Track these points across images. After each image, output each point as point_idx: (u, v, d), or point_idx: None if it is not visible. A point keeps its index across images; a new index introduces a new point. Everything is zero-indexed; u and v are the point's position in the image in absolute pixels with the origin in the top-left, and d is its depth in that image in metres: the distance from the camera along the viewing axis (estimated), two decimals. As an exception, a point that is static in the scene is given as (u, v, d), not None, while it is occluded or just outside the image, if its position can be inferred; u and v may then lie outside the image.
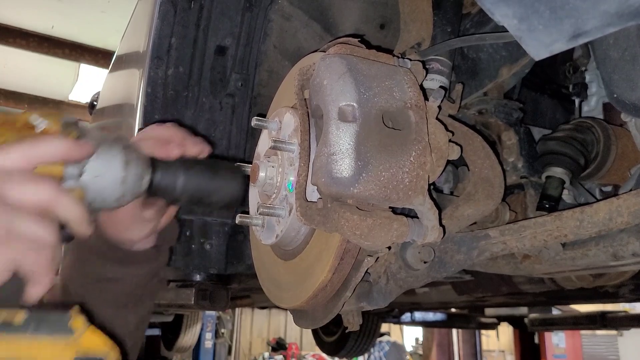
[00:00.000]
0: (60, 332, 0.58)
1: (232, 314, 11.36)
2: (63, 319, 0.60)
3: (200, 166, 0.85)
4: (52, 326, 0.59)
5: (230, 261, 1.50)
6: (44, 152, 0.68)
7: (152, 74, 1.24)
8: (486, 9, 0.60)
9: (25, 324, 0.58)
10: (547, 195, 1.07)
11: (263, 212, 0.87)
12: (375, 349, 10.63)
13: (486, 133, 1.16)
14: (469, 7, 1.21)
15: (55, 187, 0.66)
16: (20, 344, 0.56)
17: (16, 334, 0.57)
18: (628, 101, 0.77)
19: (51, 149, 0.68)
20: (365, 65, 0.77)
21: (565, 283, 1.48)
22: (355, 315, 0.95)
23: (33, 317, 0.58)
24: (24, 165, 0.66)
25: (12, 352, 0.56)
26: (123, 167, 0.75)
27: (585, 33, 0.55)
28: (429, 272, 0.91)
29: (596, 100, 1.35)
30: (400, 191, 0.72)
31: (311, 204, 0.77)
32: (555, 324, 4.84)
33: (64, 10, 5.72)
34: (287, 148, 0.86)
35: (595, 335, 10.20)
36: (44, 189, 0.65)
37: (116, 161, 0.75)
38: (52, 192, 0.66)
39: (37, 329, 0.58)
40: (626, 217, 0.74)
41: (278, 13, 1.33)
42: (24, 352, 0.56)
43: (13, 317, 0.58)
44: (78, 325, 0.60)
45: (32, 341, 0.57)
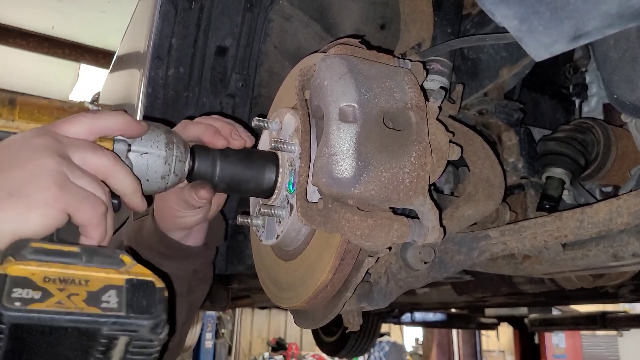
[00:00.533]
0: (112, 264, 0.62)
1: (232, 314, 11.36)
2: (114, 254, 0.64)
3: (237, 153, 0.87)
4: (103, 259, 0.63)
5: (230, 261, 1.50)
6: (105, 124, 0.73)
7: (152, 74, 1.24)
8: (486, 10, 0.60)
9: (80, 255, 0.61)
10: (548, 196, 1.07)
11: (263, 212, 0.88)
12: (375, 349, 10.64)
13: (486, 133, 1.16)
14: (469, 7, 1.22)
15: (114, 158, 0.72)
16: (76, 267, 0.60)
17: (72, 263, 0.60)
18: (628, 102, 0.77)
19: (113, 122, 0.74)
20: (365, 66, 0.77)
21: (565, 283, 1.48)
22: (355, 315, 0.95)
23: (86, 251, 0.62)
24: (88, 134, 0.72)
25: (68, 273, 0.59)
26: (166, 147, 0.79)
27: (586, 34, 0.55)
28: (430, 272, 0.91)
29: (596, 100, 1.35)
30: (400, 192, 0.72)
31: (312, 205, 0.78)
32: (555, 324, 4.84)
33: (64, 10, 5.72)
34: (287, 149, 0.86)
35: (595, 336, 10.21)
36: (104, 158, 0.70)
37: (160, 141, 0.79)
38: (111, 162, 0.71)
39: (90, 260, 0.62)
40: (626, 217, 0.74)
41: (278, 13, 1.33)
42: (79, 274, 0.59)
43: (71, 249, 0.62)
44: (128, 260, 0.64)
45: (85, 268, 0.60)
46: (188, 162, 0.83)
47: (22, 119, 0.72)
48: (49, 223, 0.63)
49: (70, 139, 0.69)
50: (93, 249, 0.64)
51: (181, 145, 0.82)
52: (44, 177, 0.63)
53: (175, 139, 0.81)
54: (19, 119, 0.72)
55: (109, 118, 0.74)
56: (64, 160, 0.66)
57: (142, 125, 0.77)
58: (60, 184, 0.64)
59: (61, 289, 0.57)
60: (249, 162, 0.88)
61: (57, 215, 0.64)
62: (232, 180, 0.87)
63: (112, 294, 0.59)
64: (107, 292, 0.59)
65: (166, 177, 0.80)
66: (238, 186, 0.88)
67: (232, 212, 1.44)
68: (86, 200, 0.66)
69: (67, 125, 0.70)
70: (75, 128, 0.71)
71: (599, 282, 1.40)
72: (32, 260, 0.58)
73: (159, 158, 0.79)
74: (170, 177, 0.81)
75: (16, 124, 0.72)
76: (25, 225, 0.62)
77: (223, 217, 1.11)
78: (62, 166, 0.65)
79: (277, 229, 0.89)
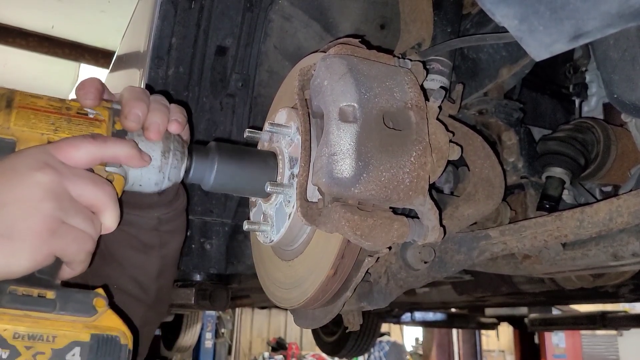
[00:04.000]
0: (83, 312, 0.66)
1: (232, 313, 11.36)
2: (87, 300, 0.67)
3: (234, 155, 0.87)
4: (76, 306, 0.66)
5: (230, 261, 1.50)
6: (110, 155, 0.73)
7: (152, 74, 1.24)
8: (487, 10, 0.60)
9: (54, 302, 0.65)
10: (548, 196, 1.07)
11: (264, 212, 0.87)
12: (375, 349, 10.63)
13: (486, 133, 1.16)
14: (469, 7, 1.21)
15: (111, 197, 0.72)
16: (45, 322, 0.63)
17: (43, 311, 0.64)
18: (628, 101, 0.77)
19: (118, 153, 0.74)
20: (365, 66, 0.77)
21: (565, 283, 1.48)
22: (355, 315, 0.95)
23: (61, 296, 0.66)
24: (91, 162, 0.72)
25: (37, 329, 0.62)
26: (161, 157, 0.79)
27: (586, 34, 0.55)
28: (430, 272, 0.91)
29: (596, 100, 1.35)
30: (400, 191, 0.72)
31: (312, 204, 0.78)
32: (555, 324, 4.84)
33: (64, 10, 5.71)
34: (283, 132, 0.87)
35: (595, 335, 10.21)
36: (103, 196, 0.71)
37: (156, 150, 0.79)
38: (107, 200, 0.71)
39: (63, 308, 0.65)
40: (626, 217, 0.74)
41: (278, 13, 1.33)
42: (47, 329, 0.62)
43: (45, 294, 0.65)
44: (100, 306, 0.67)
45: (56, 319, 0.64)
46: (184, 167, 0.82)
47: (18, 126, 0.71)
48: (35, 266, 0.65)
49: (73, 171, 0.69)
50: (68, 294, 0.66)
51: (178, 152, 0.81)
52: (38, 221, 0.64)
53: (173, 145, 0.81)
54: (15, 126, 0.71)
55: (116, 148, 0.74)
56: (60, 201, 0.66)
57: (144, 160, 0.77)
58: (52, 230, 0.65)
59: (28, 347, 0.60)
60: (247, 164, 0.87)
61: (43, 259, 0.65)
62: (230, 183, 0.86)
63: (76, 352, 0.63)
64: (72, 350, 0.63)
65: (160, 183, 0.81)
66: (235, 189, 0.88)
67: (232, 212, 1.44)
68: (76, 241, 0.67)
69: (70, 151, 0.70)
70: (79, 154, 0.70)
71: (598, 282, 1.40)
72: (8, 308, 0.62)
73: (153, 167, 0.79)
74: (164, 183, 0.81)
75: (11, 132, 0.71)
76: (11, 268, 0.63)
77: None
78: (58, 209, 0.65)
79: (277, 229, 0.89)
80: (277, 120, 0.92)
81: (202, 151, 0.85)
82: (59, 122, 0.74)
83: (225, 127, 1.36)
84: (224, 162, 0.85)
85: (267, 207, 0.91)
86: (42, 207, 0.64)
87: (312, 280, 0.84)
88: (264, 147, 0.95)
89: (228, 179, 0.86)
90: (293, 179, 0.85)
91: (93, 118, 0.76)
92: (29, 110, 0.73)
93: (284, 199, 0.87)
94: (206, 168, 0.84)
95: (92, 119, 0.76)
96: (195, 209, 1.40)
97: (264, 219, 0.93)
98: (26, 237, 0.63)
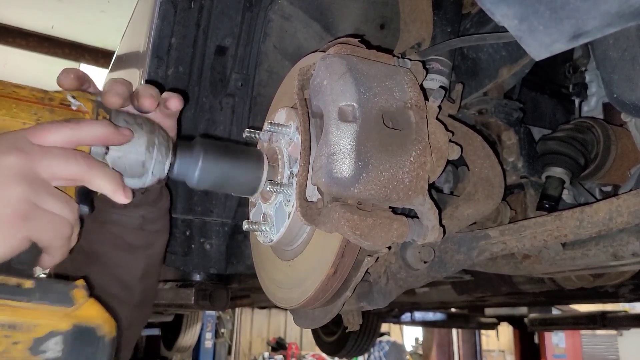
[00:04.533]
0: (62, 302, 0.64)
1: (232, 313, 11.36)
2: (66, 290, 0.65)
3: (220, 151, 0.86)
4: (55, 296, 0.64)
5: (230, 261, 1.50)
6: (86, 136, 0.71)
7: (152, 73, 1.24)
8: (486, 9, 0.60)
9: (32, 292, 0.63)
10: (547, 195, 1.07)
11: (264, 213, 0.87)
12: (375, 349, 10.63)
13: (486, 133, 1.16)
14: (469, 7, 1.21)
15: (87, 163, 0.70)
16: (24, 311, 0.62)
17: (22, 300, 0.62)
18: (628, 101, 0.77)
19: (93, 133, 0.71)
20: (365, 66, 0.77)
21: (565, 283, 1.48)
22: (355, 315, 0.95)
23: (39, 286, 0.64)
24: (65, 145, 0.69)
25: (16, 317, 0.61)
26: (145, 151, 0.78)
27: (586, 33, 0.55)
28: (429, 272, 0.91)
29: (596, 100, 1.35)
30: (400, 191, 0.72)
31: (311, 204, 0.77)
32: (555, 324, 4.84)
33: (64, 10, 5.72)
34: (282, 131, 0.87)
35: (595, 335, 10.21)
36: (76, 166, 0.68)
37: (141, 144, 0.77)
38: (83, 168, 0.69)
39: (42, 297, 0.63)
40: (626, 217, 0.74)
41: (278, 13, 1.33)
42: (26, 319, 0.61)
43: (23, 284, 0.63)
44: (79, 297, 0.65)
45: (34, 308, 0.62)
46: (168, 162, 0.81)
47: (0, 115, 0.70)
48: (11, 252, 0.64)
49: (43, 150, 0.67)
50: (47, 284, 0.65)
51: (163, 147, 0.80)
52: (8, 207, 0.63)
53: (158, 139, 0.80)
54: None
55: (90, 128, 0.71)
56: (31, 184, 0.64)
57: (124, 135, 0.75)
58: (23, 214, 0.63)
59: (7, 336, 0.60)
60: (233, 161, 0.86)
61: (19, 245, 0.64)
62: (215, 179, 0.85)
63: (57, 341, 0.62)
64: (52, 339, 0.62)
65: (143, 178, 0.80)
66: (221, 185, 0.87)
67: (232, 212, 1.44)
68: (50, 225, 0.66)
69: (44, 134, 0.68)
70: (53, 137, 0.69)
71: (598, 282, 1.40)
72: None
73: (137, 162, 0.78)
74: (148, 178, 0.80)
75: None
76: None
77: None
78: (28, 193, 0.64)
79: (277, 228, 0.89)
80: (277, 120, 0.92)
81: (187, 147, 0.84)
82: (42, 112, 0.73)
83: (225, 127, 1.36)
84: (209, 158, 0.84)
85: (266, 206, 0.91)
86: (12, 192, 0.63)
87: (312, 279, 0.84)
88: (263, 147, 0.94)
89: (213, 175, 0.84)
90: (292, 179, 0.84)
91: (76, 110, 0.75)
92: (11, 99, 0.72)
93: (284, 198, 0.87)
94: (190, 164, 0.83)
95: (75, 110, 0.75)
96: (195, 209, 1.40)
97: (263, 218, 0.93)
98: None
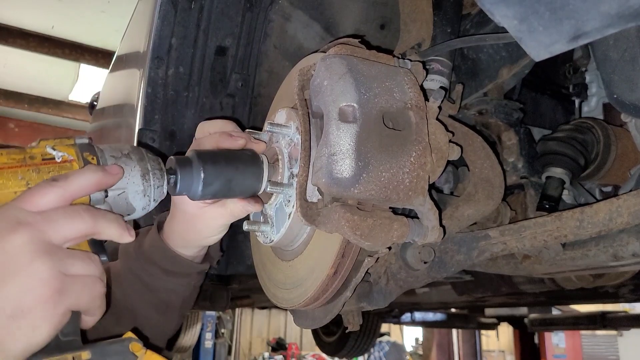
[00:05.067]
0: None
1: (232, 314, 11.36)
2: (123, 348, 0.65)
3: (220, 161, 0.84)
4: (117, 358, 0.64)
5: (230, 261, 1.50)
6: (76, 189, 0.68)
7: (152, 74, 1.24)
8: (486, 10, 0.60)
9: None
10: (547, 196, 1.07)
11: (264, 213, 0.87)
12: (375, 349, 10.64)
13: (486, 133, 1.16)
14: (468, 7, 1.21)
15: (91, 215, 0.68)
16: None
17: None
18: (628, 102, 0.77)
19: (83, 184, 0.69)
20: (365, 66, 0.77)
21: (565, 283, 1.48)
22: (355, 315, 0.95)
23: (96, 353, 0.63)
24: (60, 204, 0.67)
25: None
26: (142, 180, 0.76)
27: (586, 34, 0.55)
28: (429, 272, 0.91)
29: (596, 100, 1.35)
30: (400, 191, 0.72)
31: (312, 204, 0.78)
32: (555, 324, 4.84)
33: (64, 10, 5.72)
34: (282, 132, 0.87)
35: (595, 335, 10.20)
36: (82, 222, 0.67)
37: (135, 175, 0.76)
38: (89, 222, 0.67)
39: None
40: (626, 217, 0.74)
41: (278, 13, 1.33)
42: None
43: (80, 357, 0.63)
44: (137, 350, 0.65)
45: None
46: (166, 184, 0.80)
47: None
48: (56, 329, 0.63)
49: (44, 216, 0.64)
50: (103, 348, 0.64)
51: (157, 170, 0.79)
52: (40, 287, 0.61)
53: (150, 164, 0.78)
54: None
55: (80, 180, 0.68)
56: (51, 255, 0.62)
57: (115, 174, 0.72)
58: (59, 288, 0.62)
59: None
60: (232, 167, 0.84)
61: (62, 320, 0.63)
62: (217, 190, 0.84)
63: None
64: None
65: (147, 207, 0.79)
66: (224, 193, 0.86)
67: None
68: (84, 288, 0.65)
69: (38, 199, 0.65)
70: (47, 200, 0.66)
71: (598, 282, 1.40)
72: None
73: (137, 193, 0.76)
74: (151, 205, 0.79)
75: None
76: (35, 341, 0.61)
77: None
78: (54, 264, 0.62)
79: (277, 229, 0.89)
80: (277, 120, 0.92)
81: (184, 162, 0.82)
82: (28, 174, 0.69)
83: (225, 127, 1.36)
84: (209, 169, 0.82)
85: (267, 207, 0.91)
86: (39, 270, 0.61)
87: (312, 280, 0.84)
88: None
89: (215, 186, 0.83)
90: (293, 179, 0.85)
91: (61, 161, 0.71)
92: None
93: (284, 199, 0.87)
94: (192, 179, 0.81)
95: (60, 162, 0.71)
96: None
97: (263, 219, 0.93)
98: (37, 308, 0.60)
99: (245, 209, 0.88)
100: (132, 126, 1.31)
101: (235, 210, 0.88)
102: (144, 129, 1.25)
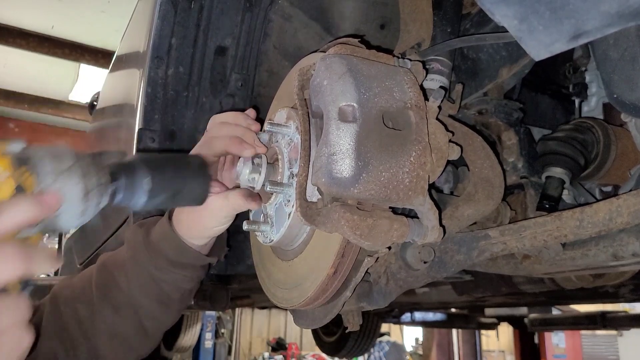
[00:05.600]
0: None
1: (232, 314, 11.36)
2: None
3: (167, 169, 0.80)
4: None
5: (230, 261, 1.50)
6: (10, 226, 0.60)
7: (152, 74, 1.24)
8: (486, 10, 0.60)
9: None
10: (547, 196, 1.07)
11: (264, 213, 0.87)
12: (375, 349, 10.64)
13: (486, 133, 1.16)
14: (468, 7, 1.21)
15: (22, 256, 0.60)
16: None
17: None
18: (628, 101, 0.77)
19: (15, 221, 0.60)
20: (365, 66, 0.77)
21: (565, 283, 1.47)
22: (355, 315, 0.95)
23: None
24: None
25: None
26: (82, 201, 0.67)
27: (586, 33, 0.55)
28: (429, 272, 0.91)
29: (596, 100, 1.35)
30: (400, 191, 0.72)
31: (311, 204, 0.78)
32: (555, 324, 4.84)
33: (64, 10, 5.72)
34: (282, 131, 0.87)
35: (595, 335, 10.21)
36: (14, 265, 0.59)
37: (75, 196, 0.66)
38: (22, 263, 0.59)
39: None
40: (626, 217, 0.74)
41: (278, 13, 1.33)
42: None
43: None
44: None
45: None
46: (107, 197, 0.72)
47: None
48: None
49: None
50: None
51: (101, 185, 0.70)
52: None
53: (94, 179, 0.69)
54: None
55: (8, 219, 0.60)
56: None
57: (51, 205, 0.63)
58: None
59: None
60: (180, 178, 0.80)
61: None
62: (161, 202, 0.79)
63: None
64: None
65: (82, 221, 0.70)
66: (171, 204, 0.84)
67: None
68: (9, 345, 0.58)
69: None
70: None
71: (598, 282, 1.40)
72: None
73: (74, 214, 0.67)
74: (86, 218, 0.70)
75: None
76: None
77: None
78: None
79: (277, 229, 0.89)
80: (277, 120, 0.92)
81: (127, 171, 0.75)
82: None
83: (225, 127, 1.36)
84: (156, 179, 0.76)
85: (266, 207, 0.91)
86: None
87: (312, 279, 0.84)
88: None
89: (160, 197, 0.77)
90: (292, 179, 0.85)
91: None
92: None
93: (284, 198, 0.87)
94: (135, 190, 0.75)
95: None
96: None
97: (263, 219, 0.93)
98: None
99: (246, 205, 0.90)
100: (132, 126, 1.31)
101: (236, 204, 0.90)
102: (143, 128, 1.25)
